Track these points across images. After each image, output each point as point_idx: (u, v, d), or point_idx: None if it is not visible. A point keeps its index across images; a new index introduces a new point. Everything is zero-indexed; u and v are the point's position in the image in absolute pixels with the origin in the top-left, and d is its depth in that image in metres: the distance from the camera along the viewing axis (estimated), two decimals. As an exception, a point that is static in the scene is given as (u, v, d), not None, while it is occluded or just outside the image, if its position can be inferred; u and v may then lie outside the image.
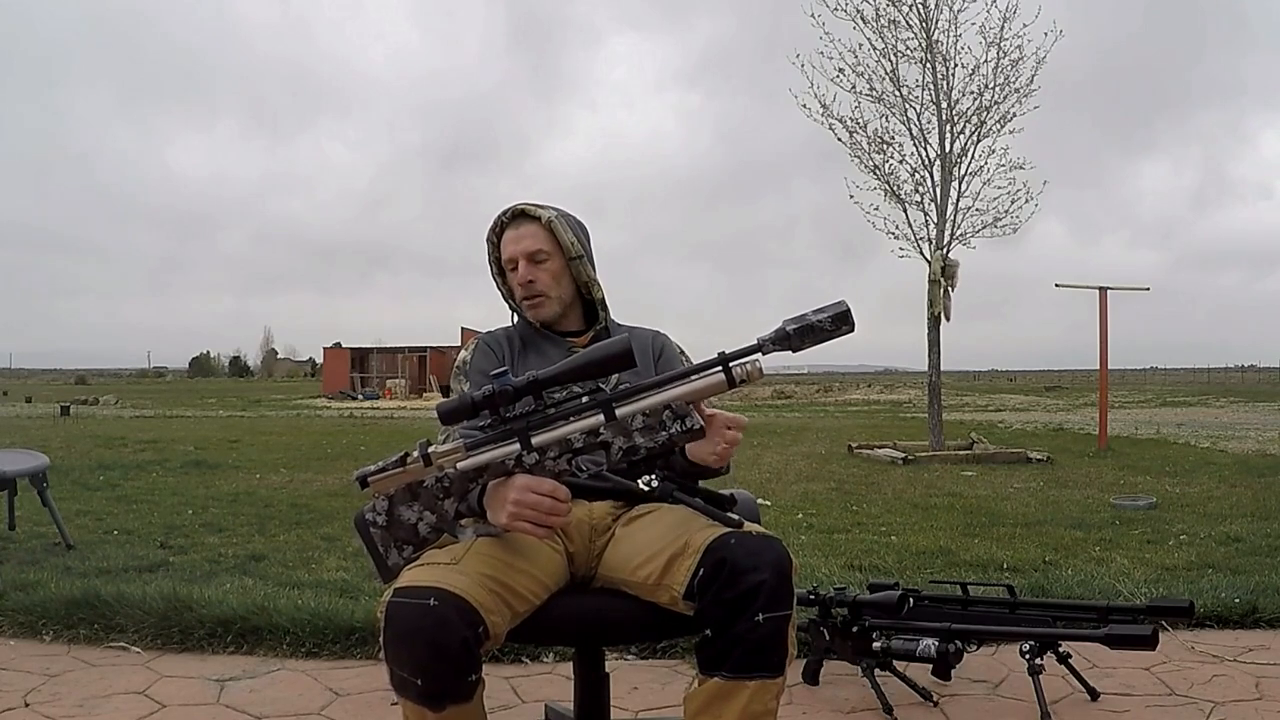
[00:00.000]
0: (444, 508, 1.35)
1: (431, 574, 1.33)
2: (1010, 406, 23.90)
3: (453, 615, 1.28)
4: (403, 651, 1.29)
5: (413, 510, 1.36)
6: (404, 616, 1.29)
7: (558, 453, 1.33)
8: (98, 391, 38.38)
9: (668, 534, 1.46)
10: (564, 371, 1.34)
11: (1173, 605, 2.34)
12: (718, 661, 1.36)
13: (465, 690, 1.32)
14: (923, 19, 9.02)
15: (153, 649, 2.71)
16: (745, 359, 1.30)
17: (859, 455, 8.87)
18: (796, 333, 1.28)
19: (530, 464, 1.34)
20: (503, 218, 1.77)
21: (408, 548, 1.36)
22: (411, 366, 38.53)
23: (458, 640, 1.28)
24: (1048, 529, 4.60)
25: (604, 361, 1.34)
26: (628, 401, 1.33)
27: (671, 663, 2.61)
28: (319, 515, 5.09)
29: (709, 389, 1.31)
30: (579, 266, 1.76)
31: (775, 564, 1.35)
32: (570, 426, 1.34)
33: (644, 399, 1.33)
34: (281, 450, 9.63)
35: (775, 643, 1.35)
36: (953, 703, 2.31)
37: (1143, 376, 71.01)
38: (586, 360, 1.34)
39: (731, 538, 1.38)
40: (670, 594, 1.41)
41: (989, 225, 9.14)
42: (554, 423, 1.34)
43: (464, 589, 1.30)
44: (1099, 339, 9.75)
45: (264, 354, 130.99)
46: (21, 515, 4.29)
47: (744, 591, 1.33)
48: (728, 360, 1.30)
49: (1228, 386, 43.75)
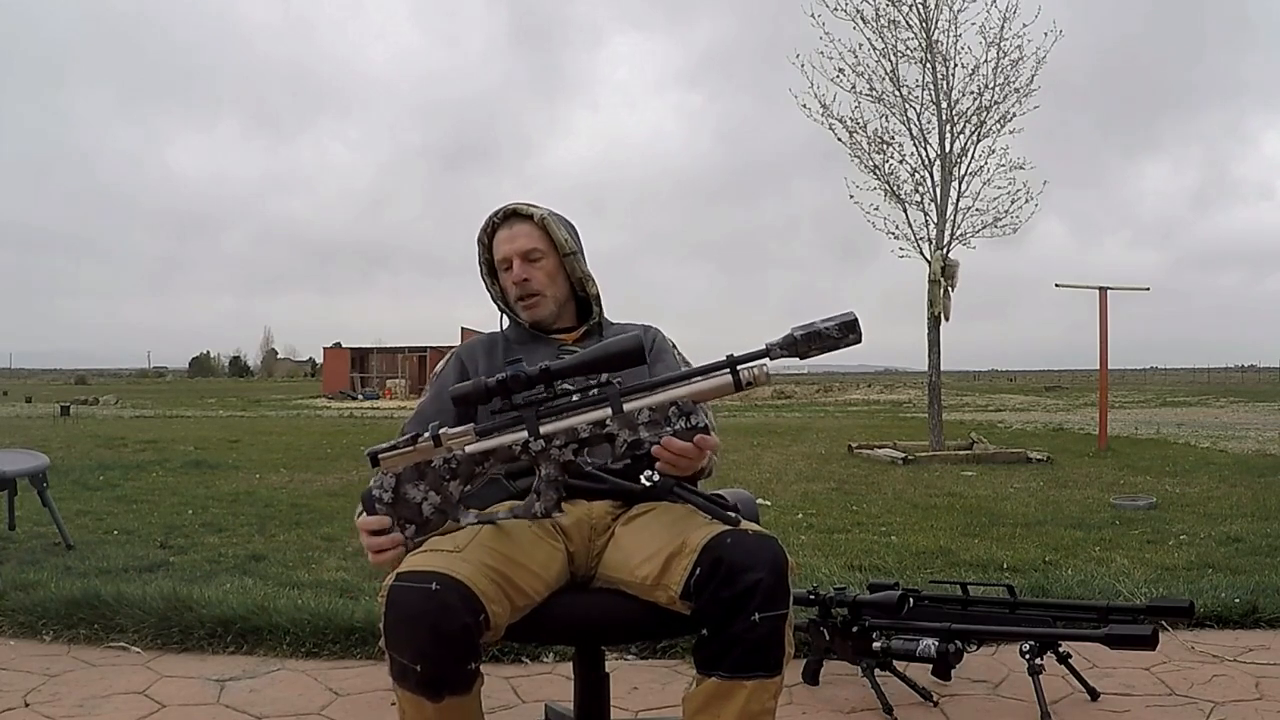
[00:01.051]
0: (449, 489, 1.38)
1: (434, 559, 1.33)
2: (1010, 406, 23.90)
3: (455, 600, 1.28)
4: (403, 635, 1.29)
5: (418, 489, 1.38)
6: (405, 600, 1.29)
7: (564, 441, 1.36)
8: (98, 391, 38.38)
9: (665, 533, 1.46)
10: (577, 364, 1.38)
11: (1173, 605, 2.34)
12: (715, 661, 1.36)
13: (464, 680, 1.32)
14: (923, 19, 9.02)
15: (153, 649, 2.71)
16: (753, 363, 1.32)
17: (859, 455, 8.86)
18: (804, 339, 1.31)
19: (536, 451, 1.36)
20: (494, 219, 1.77)
21: (410, 527, 1.38)
22: (411, 366, 38.51)
23: (459, 625, 1.28)
24: (1048, 529, 4.60)
25: (616, 357, 1.37)
26: (636, 396, 1.35)
27: (671, 663, 2.61)
28: (319, 515, 5.09)
29: (716, 390, 1.34)
30: (573, 263, 1.77)
31: (772, 563, 1.35)
32: (578, 417, 1.36)
33: (652, 395, 1.35)
34: (281, 450, 9.63)
35: (772, 642, 1.35)
36: (953, 703, 2.31)
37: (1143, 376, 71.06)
38: (599, 354, 1.38)
39: (728, 537, 1.38)
40: (668, 593, 1.41)
41: (989, 225, 9.15)
42: (562, 413, 1.37)
43: (467, 576, 1.31)
44: (1099, 339, 9.75)
45: (264, 354, 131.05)
46: (21, 515, 4.29)
47: (741, 591, 1.33)
48: (736, 363, 1.32)
49: (1228, 386, 43.75)
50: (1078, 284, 9.94)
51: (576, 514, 1.56)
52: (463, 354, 1.81)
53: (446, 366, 1.81)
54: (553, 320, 1.78)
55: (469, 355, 1.79)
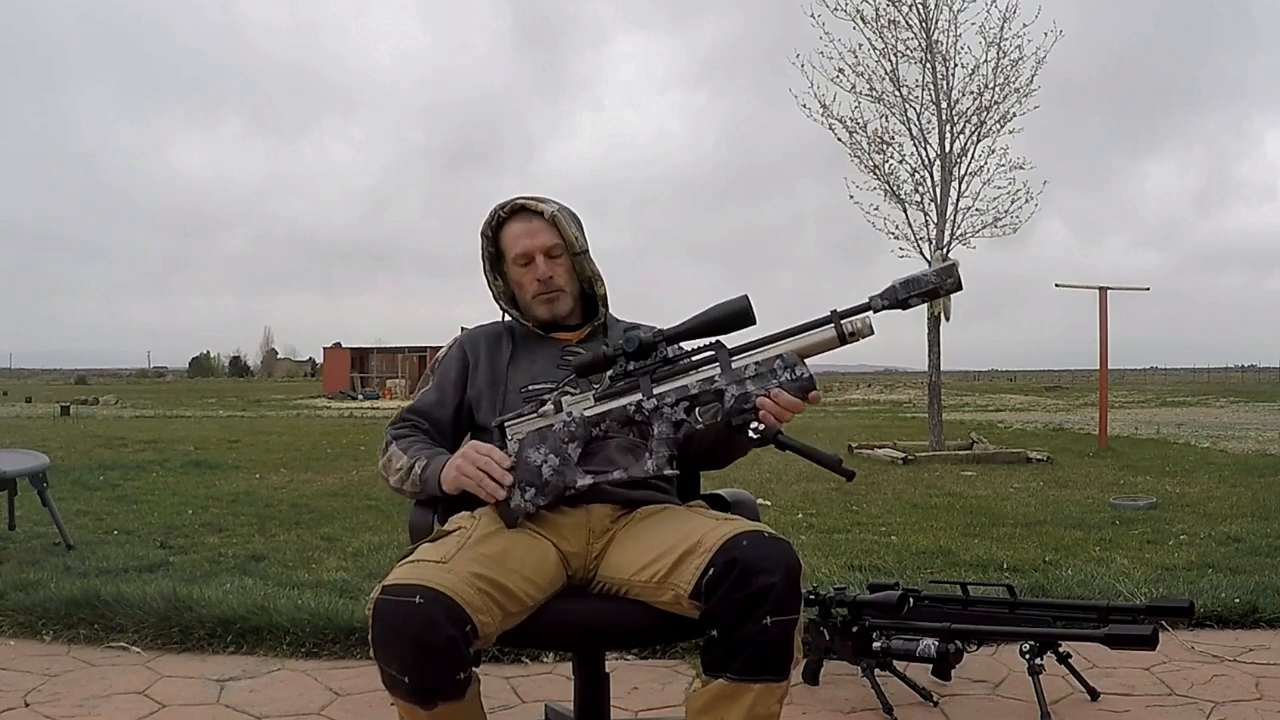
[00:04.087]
0: (567, 451, 1.47)
1: (419, 572, 1.33)
2: (1010, 406, 23.90)
3: (439, 613, 1.28)
4: (390, 648, 1.30)
5: (539, 452, 1.47)
6: (390, 614, 1.29)
7: (674, 399, 1.44)
8: (98, 391, 38.36)
9: (675, 533, 1.46)
10: (690, 329, 1.46)
11: (1173, 605, 2.34)
12: (724, 663, 1.36)
13: (456, 688, 1.32)
14: (922, 19, 9.02)
15: (153, 649, 2.71)
16: (856, 316, 1.38)
17: (859, 455, 8.86)
18: (904, 285, 1.37)
19: (650, 410, 1.44)
20: (500, 212, 1.73)
21: (530, 489, 1.47)
22: (411, 366, 38.49)
23: (443, 638, 1.28)
24: (1048, 529, 4.59)
25: (727, 318, 1.44)
26: (742, 354, 1.43)
27: (671, 663, 2.61)
28: (319, 515, 5.08)
29: (820, 344, 1.41)
30: (583, 262, 1.74)
31: (786, 567, 1.35)
32: (688, 378, 1.45)
33: (757, 352, 1.43)
34: (281, 450, 9.62)
35: (781, 646, 1.35)
36: (953, 703, 2.31)
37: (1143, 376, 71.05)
38: (711, 317, 1.44)
39: (744, 539, 1.38)
40: (675, 593, 1.41)
41: (989, 225, 9.16)
42: (673, 375, 1.46)
43: (451, 587, 1.30)
44: (1099, 339, 9.75)
45: (264, 354, 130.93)
46: (21, 515, 4.29)
47: (753, 593, 1.33)
48: (840, 316, 1.39)
49: (1228, 386, 43.74)
50: (1078, 284, 9.94)
51: (574, 517, 1.56)
52: (465, 342, 1.78)
53: (449, 354, 1.78)
54: (566, 317, 1.76)
55: (471, 344, 1.77)
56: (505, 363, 1.73)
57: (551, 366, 1.71)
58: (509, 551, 1.43)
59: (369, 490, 6.12)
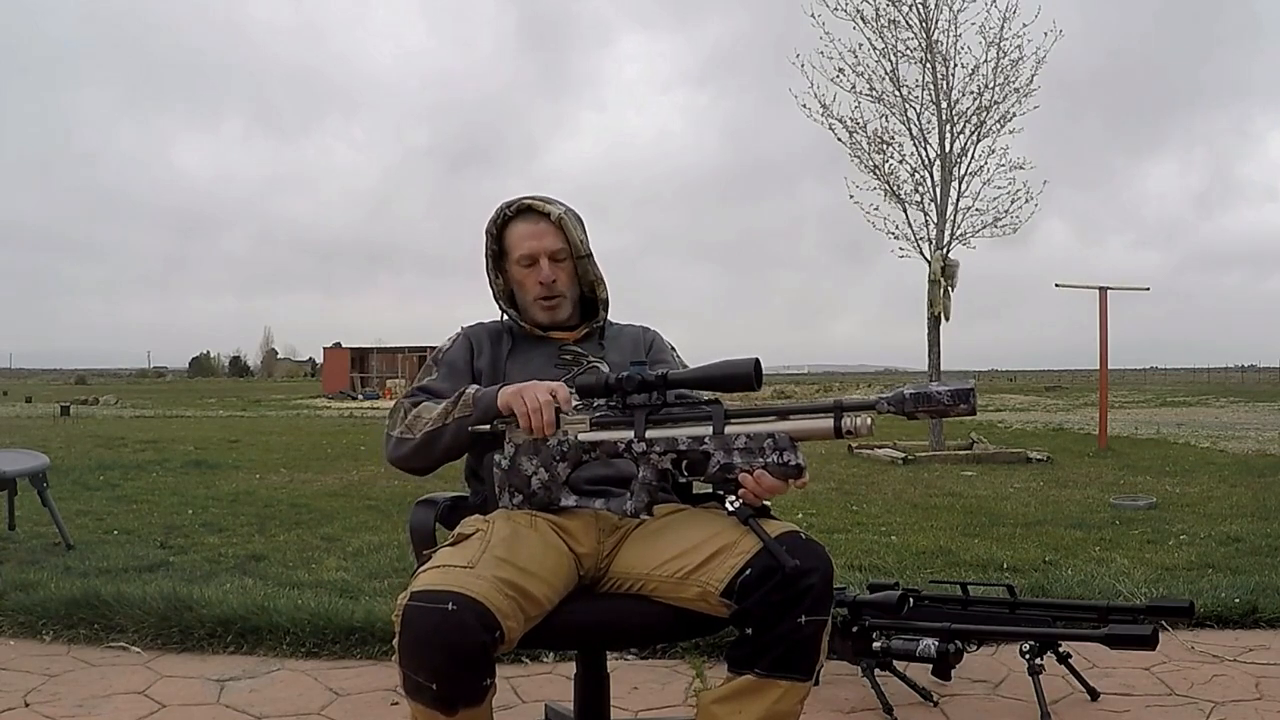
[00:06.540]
0: (557, 469, 1.49)
1: (448, 577, 1.32)
2: (1010, 406, 23.89)
3: (471, 620, 1.27)
4: (420, 656, 1.28)
5: (532, 463, 1.50)
6: (422, 621, 1.28)
7: (663, 449, 1.43)
8: (98, 391, 38.39)
9: (704, 531, 1.47)
10: (693, 379, 1.46)
11: (1173, 605, 2.34)
12: (753, 659, 1.37)
13: (479, 694, 1.32)
14: (922, 19, 9.03)
15: (153, 649, 2.71)
16: (858, 413, 1.34)
17: (859, 455, 8.86)
18: (913, 399, 1.33)
19: (638, 453, 1.44)
20: (506, 211, 1.72)
21: (518, 495, 1.51)
22: (411, 366, 38.49)
23: (476, 645, 1.27)
24: (1048, 529, 4.59)
25: (729, 380, 1.42)
26: (739, 421, 1.41)
27: (671, 663, 2.61)
28: (319, 515, 5.08)
29: (816, 431, 1.38)
30: (586, 265, 1.74)
31: (825, 569, 1.39)
32: (681, 430, 1.43)
33: (754, 424, 1.40)
34: (281, 450, 9.62)
35: (812, 646, 1.37)
36: (953, 703, 2.31)
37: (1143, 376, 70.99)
38: (716, 374, 1.43)
39: (783, 543, 1.39)
40: (702, 589, 1.41)
41: (989, 225, 9.17)
42: (668, 422, 1.45)
43: (482, 594, 1.30)
44: (1099, 339, 9.75)
45: (264, 354, 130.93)
46: (21, 515, 4.29)
47: (796, 593, 1.35)
48: (842, 409, 1.35)
49: (1228, 386, 43.74)
50: (1077, 284, 9.94)
51: (584, 518, 1.55)
52: (471, 335, 1.79)
53: (455, 345, 1.78)
54: (564, 321, 1.76)
55: (476, 338, 1.78)
56: (504, 359, 1.74)
57: (548, 365, 1.71)
58: (529, 555, 1.43)
59: (369, 490, 6.12)
